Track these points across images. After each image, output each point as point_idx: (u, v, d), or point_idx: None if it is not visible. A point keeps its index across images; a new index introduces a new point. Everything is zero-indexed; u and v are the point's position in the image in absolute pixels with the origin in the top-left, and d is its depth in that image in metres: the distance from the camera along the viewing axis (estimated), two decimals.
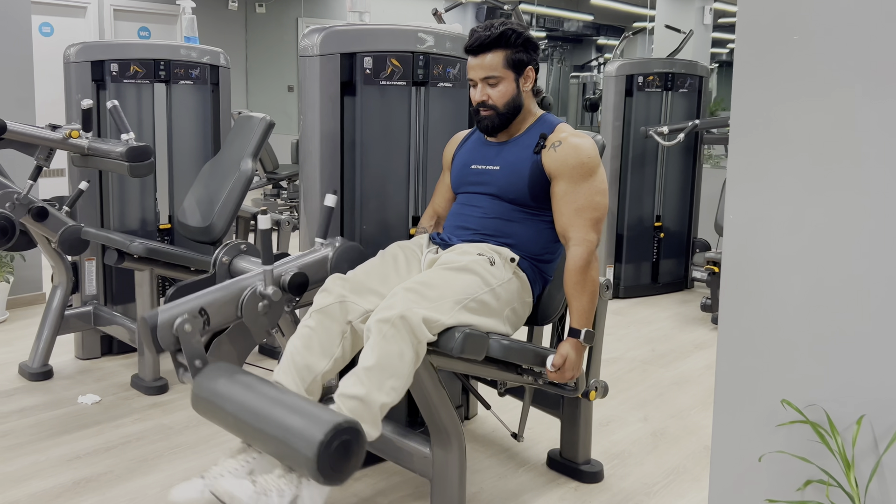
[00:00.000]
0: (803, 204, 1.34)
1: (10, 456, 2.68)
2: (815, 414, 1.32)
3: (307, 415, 1.66)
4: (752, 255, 1.39)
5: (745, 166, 1.39)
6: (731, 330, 1.45)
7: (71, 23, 7.99)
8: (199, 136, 3.87)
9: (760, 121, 1.36)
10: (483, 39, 2.12)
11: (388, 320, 1.82)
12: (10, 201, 3.06)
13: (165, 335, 1.90)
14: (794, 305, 1.37)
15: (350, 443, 1.62)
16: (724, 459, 1.48)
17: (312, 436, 1.58)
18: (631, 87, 4.73)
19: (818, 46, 1.30)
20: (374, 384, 1.78)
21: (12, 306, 4.38)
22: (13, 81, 4.34)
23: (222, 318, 2.02)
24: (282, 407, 1.71)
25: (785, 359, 1.39)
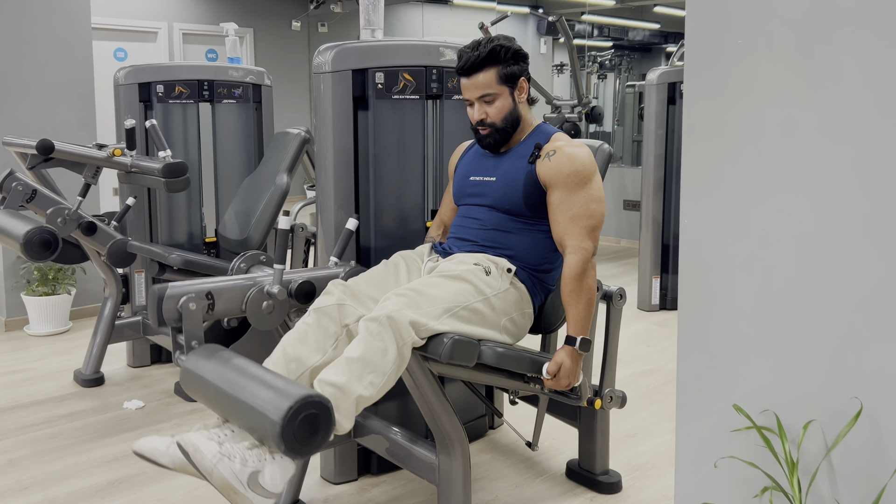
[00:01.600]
0: (750, 207, 1.33)
1: (55, 456, 2.85)
2: (767, 419, 1.30)
3: (280, 387, 1.68)
4: (705, 258, 1.38)
5: (697, 170, 1.39)
6: (688, 335, 1.45)
7: (143, 47, 8.41)
8: (243, 153, 4.03)
9: (710, 125, 1.36)
10: (473, 59, 2.15)
11: (375, 319, 1.86)
12: (61, 217, 3.26)
13: (170, 308, 1.97)
14: (746, 309, 1.35)
15: (318, 417, 1.62)
16: (686, 465, 1.47)
17: (281, 403, 1.60)
18: (674, 95, 4.66)
19: (761, 51, 1.29)
20: (355, 375, 1.80)
21: (75, 317, 4.63)
22: (75, 103, 4.60)
23: (226, 308, 2.09)
24: (258, 380, 1.74)
25: (739, 364, 1.37)
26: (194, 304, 1.97)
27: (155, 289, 1.98)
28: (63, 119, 4.52)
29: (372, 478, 2.68)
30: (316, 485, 2.62)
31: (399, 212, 2.61)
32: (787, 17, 1.24)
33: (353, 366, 1.81)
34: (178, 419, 3.19)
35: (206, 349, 1.94)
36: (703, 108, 1.36)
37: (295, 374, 1.94)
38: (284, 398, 1.62)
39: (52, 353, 4.09)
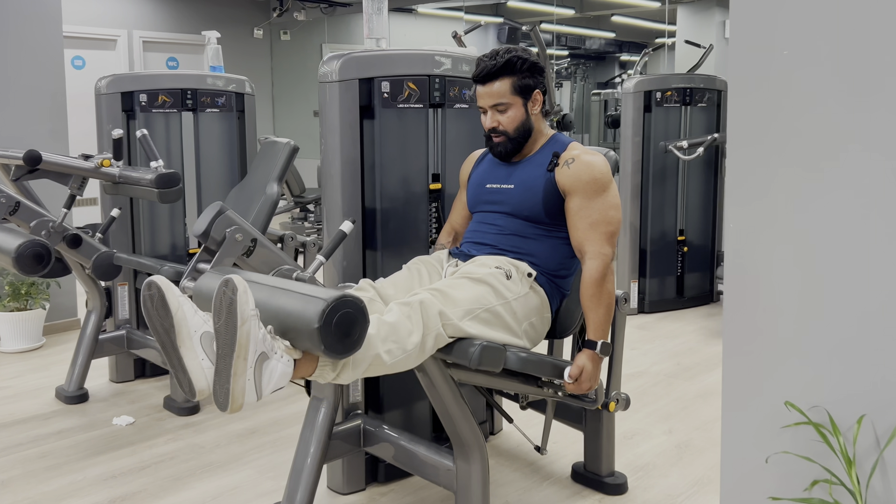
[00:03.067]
0: (796, 210, 1.38)
1: (49, 476, 2.77)
2: (817, 415, 1.35)
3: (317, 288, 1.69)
4: (751, 261, 1.43)
5: (742, 176, 1.44)
6: (733, 335, 1.49)
7: (102, 55, 8.24)
8: (226, 162, 3.98)
9: (754, 132, 1.41)
10: (490, 68, 2.18)
11: (408, 303, 1.89)
12: (45, 229, 3.17)
13: (219, 229, 2.07)
14: (793, 309, 1.40)
15: (355, 318, 1.61)
16: (732, 461, 1.51)
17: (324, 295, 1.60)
18: (650, 103, 4.76)
19: (805, 60, 1.34)
20: (381, 336, 1.79)
21: (48, 332, 4.50)
22: (47, 114, 4.49)
23: (258, 265, 2.21)
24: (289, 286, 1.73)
25: (787, 362, 1.42)
26: (241, 236, 2.03)
27: (217, 203, 2.06)
28: (35, 130, 4.41)
29: (380, 486, 2.67)
30: (324, 496, 2.60)
31: (404, 220, 2.62)
32: (832, 27, 1.29)
33: (382, 327, 1.81)
34: (171, 434, 3.13)
35: (224, 269, 1.97)
36: (746, 115, 1.41)
37: None
38: (327, 292, 1.62)
39: (28, 371, 3.98)
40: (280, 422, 3.23)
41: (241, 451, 2.96)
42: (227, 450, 2.97)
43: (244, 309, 1.54)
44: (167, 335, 1.59)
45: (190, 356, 1.58)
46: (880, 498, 1.30)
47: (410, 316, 1.85)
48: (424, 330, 1.86)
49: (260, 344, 1.57)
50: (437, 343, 1.91)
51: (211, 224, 2.15)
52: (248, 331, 1.54)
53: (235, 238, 2.08)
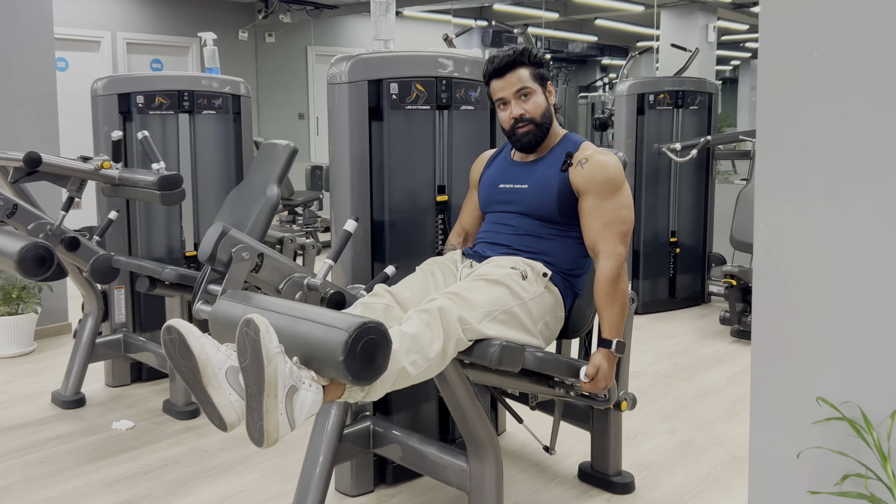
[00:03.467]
0: (827, 209, 1.40)
1: (51, 481, 2.73)
2: (849, 410, 1.38)
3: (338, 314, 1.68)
4: (782, 259, 1.45)
5: (772, 175, 1.46)
6: (764, 331, 1.51)
7: (85, 57, 8.15)
8: (222, 165, 3.96)
9: (785, 132, 1.43)
10: (507, 59, 2.21)
11: (427, 311, 1.88)
12: (43, 232, 3.14)
13: (225, 249, 2.03)
14: (824, 307, 1.43)
15: (378, 344, 1.62)
16: (761, 457, 1.53)
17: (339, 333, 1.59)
18: (643, 106, 4.80)
19: (837, 62, 1.37)
20: (404, 348, 1.79)
21: (39, 337, 4.44)
22: (38, 116, 4.44)
23: (267, 278, 2.16)
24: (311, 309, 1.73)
25: (818, 358, 1.44)
26: (247, 255, 2.02)
27: (218, 224, 2.03)
28: (25, 131, 4.35)
29: (389, 488, 2.66)
30: (333, 499, 2.59)
31: (412, 221, 2.62)
32: (864, 28, 1.32)
33: (405, 339, 1.81)
34: (173, 438, 3.10)
35: (239, 293, 1.93)
36: (777, 115, 1.43)
37: None
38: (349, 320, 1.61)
39: (21, 375, 3.92)
40: None
41: (245, 454, 2.95)
42: (231, 453, 2.95)
43: (269, 348, 1.54)
44: (193, 376, 1.59)
45: (217, 393, 1.58)
46: None
47: (430, 324, 1.86)
48: (445, 336, 1.87)
49: (288, 378, 1.58)
50: (457, 348, 1.91)
51: (216, 247, 2.10)
52: (274, 369, 1.54)
53: (242, 257, 2.05)
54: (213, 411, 1.58)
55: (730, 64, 10.36)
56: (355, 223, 2.33)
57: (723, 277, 4.33)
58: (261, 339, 1.54)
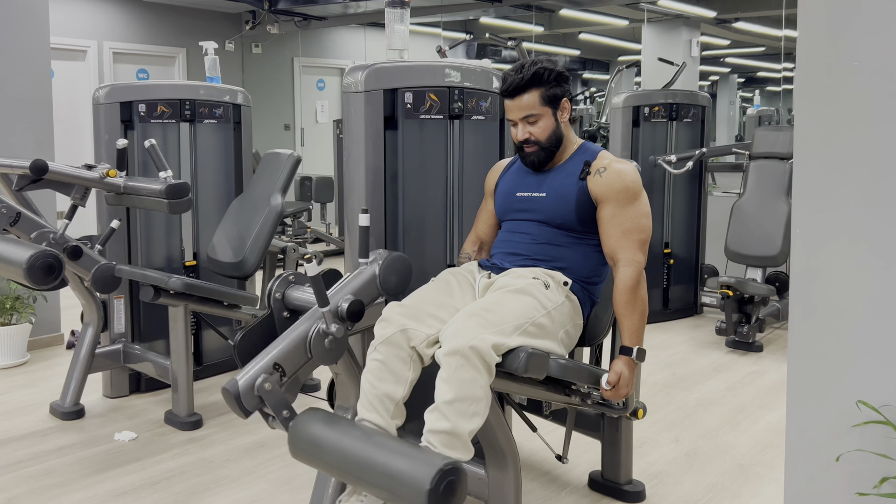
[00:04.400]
0: (865, 216, 1.43)
1: (57, 493, 2.69)
2: (889, 413, 1.40)
3: (411, 458, 1.76)
4: (819, 265, 1.48)
5: (809, 183, 1.49)
6: (801, 337, 1.53)
7: (72, 66, 8.09)
8: (223, 174, 3.95)
9: (822, 141, 1.46)
10: (518, 82, 2.22)
11: (457, 352, 1.87)
12: (46, 241, 3.10)
13: (249, 399, 2.02)
14: (862, 312, 1.45)
15: (454, 482, 1.71)
16: (798, 460, 1.55)
17: (421, 481, 1.68)
18: (638, 118, 4.86)
19: (875, 71, 1.40)
20: (457, 414, 1.84)
21: (31, 348, 4.38)
22: (34, 124, 4.40)
23: (294, 364, 2.12)
24: (383, 452, 1.81)
25: (857, 362, 1.47)
26: (269, 384, 2.02)
27: (226, 388, 2.01)
28: (20, 140, 4.30)
29: None
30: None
31: (424, 229, 2.63)
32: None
33: (452, 408, 1.85)
34: (177, 449, 3.07)
35: (306, 418, 1.98)
36: (814, 124, 1.46)
37: (390, 411, 1.99)
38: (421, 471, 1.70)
39: (16, 387, 3.86)
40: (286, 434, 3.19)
41: (252, 465, 2.92)
42: (238, 464, 2.93)
43: None
44: None
45: None
46: None
47: (466, 365, 1.86)
48: (486, 368, 1.88)
49: None
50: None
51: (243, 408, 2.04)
52: None
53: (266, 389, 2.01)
54: None
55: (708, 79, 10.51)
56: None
57: (719, 288, 4.38)
58: None
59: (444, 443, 1.83)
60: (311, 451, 1.92)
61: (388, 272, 2.31)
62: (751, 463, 2.96)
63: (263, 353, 2.08)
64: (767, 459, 2.98)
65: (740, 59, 10.12)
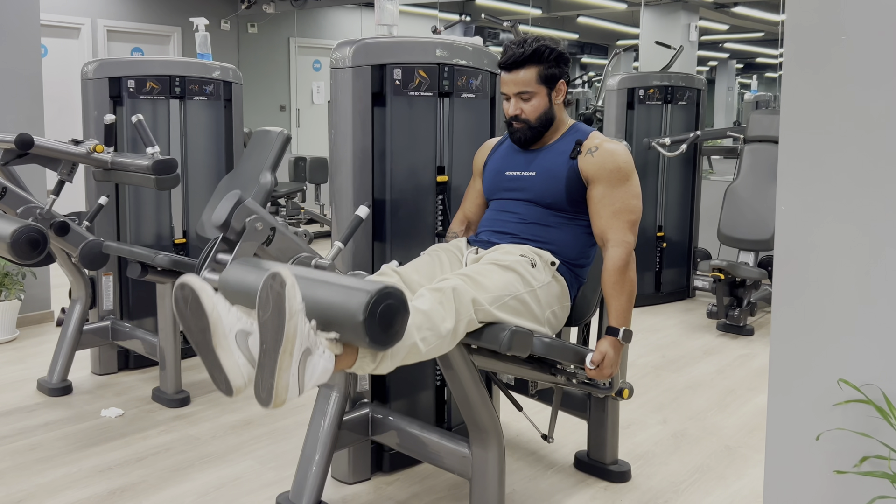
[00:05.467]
0: (853, 194, 1.42)
1: (42, 468, 2.69)
2: (870, 392, 1.39)
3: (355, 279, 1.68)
4: (803, 242, 1.47)
5: (796, 160, 1.47)
6: (784, 314, 1.52)
7: (65, 44, 8.03)
8: (213, 152, 3.92)
9: (809, 117, 1.44)
10: (517, 56, 2.19)
11: (440, 289, 1.87)
12: (32, 216, 3.08)
13: (240, 218, 2.06)
14: (846, 290, 1.44)
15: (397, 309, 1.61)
16: (779, 439, 1.55)
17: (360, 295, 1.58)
18: (632, 100, 4.83)
19: (865, 45, 1.38)
20: (417, 324, 1.78)
21: (21, 324, 4.36)
22: (24, 100, 4.36)
23: (277, 254, 2.18)
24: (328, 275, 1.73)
25: (839, 341, 1.46)
26: (261, 226, 2.06)
27: (235, 192, 2.07)
28: (11, 117, 4.27)
29: (385, 476, 2.65)
30: (330, 486, 2.57)
31: (413, 207, 2.61)
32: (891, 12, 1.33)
33: (417, 315, 1.79)
34: (163, 426, 3.07)
35: (251, 259, 1.91)
36: (802, 100, 1.44)
37: None
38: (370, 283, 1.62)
39: (4, 363, 3.85)
40: (273, 413, 3.19)
41: (238, 442, 2.92)
42: (225, 441, 2.93)
43: (292, 303, 1.51)
44: (202, 335, 1.55)
45: (226, 355, 1.55)
46: None
47: (443, 302, 1.85)
48: (457, 316, 1.85)
49: (305, 339, 1.55)
50: (467, 328, 1.90)
51: (231, 214, 2.12)
52: (295, 325, 1.51)
53: (256, 227, 2.04)
54: (220, 374, 1.56)
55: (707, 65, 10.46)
56: (368, 210, 2.33)
57: (711, 271, 4.37)
58: (286, 292, 1.51)
59: None
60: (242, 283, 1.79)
61: None
62: (738, 445, 2.96)
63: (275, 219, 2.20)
64: (754, 441, 2.98)
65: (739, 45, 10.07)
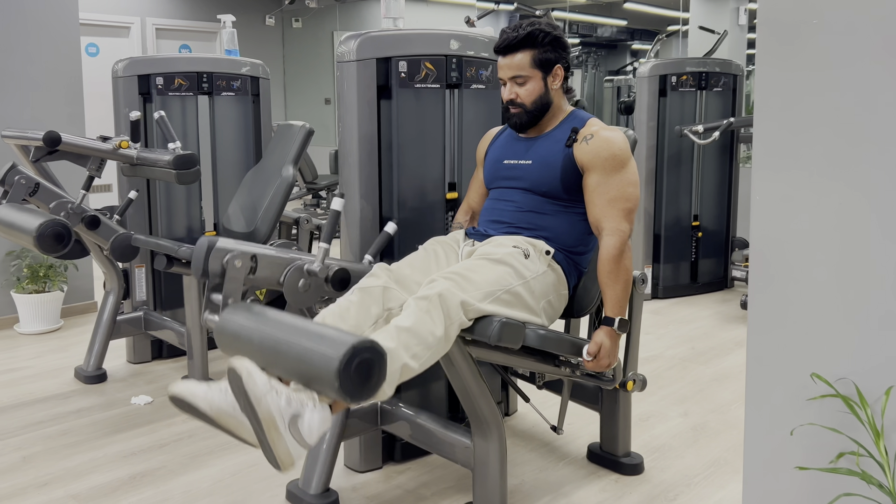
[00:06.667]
0: (826, 182, 1.38)
1: (70, 452, 2.80)
2: (844, 387, 1.35)
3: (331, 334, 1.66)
4: (778, 233, 1.43)
5: (770, 148, 1.43)
6: (759, 307, 1.49)
7: (116, 42, 8.27)
8: (242, 146, 4.00)
9: (783, 103, 1.40)
10: (511, 40, 2.19)
11: (426, 297, 1.87)
12: (64, 210, 3.20)
13: (215, 262, 2.01)
14: (821, 282, 1.40)
15: (372, 362, 1.61)
16: (756, 434, 1.52)
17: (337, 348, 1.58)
18: (665, 88, 4.74)
19: (837, 29, 1.34)
20: (403, 344, 1.80)
21: (66, 315, 4.54)
22: (64, 98, 4.52)
23: (266, 276, 2.14)
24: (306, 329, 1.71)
25: (813, 334, 1.42)
26: (240, 262, 2.01)
27: (204, 239, 2.00)
28: (52, 114, 4.44)
29: (397, 465, 2.69)
30: (341, 474, 2.62)
31: (421, 200, 2.62)
32: None
33: (402, 335, 1.81)
34: None
35: (242, 305, 1.92)
36: (775, 86, 1.40)
37: None
38: (340, 343, 1.60)
39: (46, 351, 4.02)
40: None
41: None
42: None
43: (255, 391, 1.60)
44: None
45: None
46: None
47: (429, 311, 1.85)
48: (446, 321, 1.86)
49: (285, 409, 1.63)
50: (459, 328, 1.92)
51: (206, 262, 2.06)
52: (266, 408, 1.60)
53: (235, 265, 2.04)
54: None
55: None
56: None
57: (744, 261, 4.27)
58: (245, 385, 1.61)
59: None
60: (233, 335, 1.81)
61: None
62: None
63: (251, 244, 2.13)
64: None
65: None
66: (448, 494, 2.49)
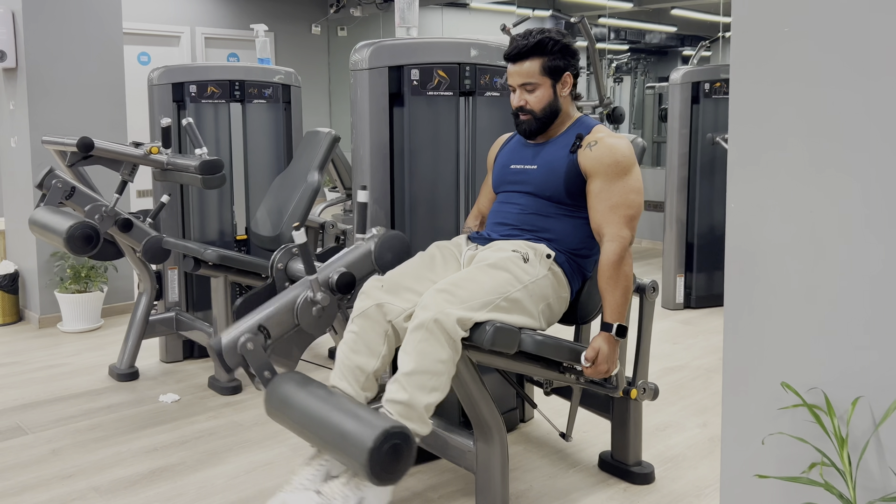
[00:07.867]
0: (798, 190, 1.37)
1: (96, 447, 2.91)
2: (815, 396, 1.34)
3: (360, 420, 1.81)
4: (752, 241, 1.42)
5: (743, 155, 1.43)
6: (735, 315, 1.48)
7: (166, 51, 8.52)
8: (273, 152, 4.09)
9: (756, 110, 1.40)
10: (521, 48, 2.21)
11: (422, 325, 1.91)
12: (98, 213, 3.33)
13: (231, 356, 2.10)
14: (794, 290, 1.39)
15: (399, 445, 1.76)
16: (733, 443, 1.51)
17: (363, 441, 1.73)
18: (697, 95, 4.69)
19: (808, 37, 1.33)
20: (416, 387, 1.88)
21: (106, 314, 4.70)
22: (107, 105, 4.69)
23: (282, 329, 2.20)
24: (338, 413, 1.86)
25: (787, 343, 1.41)
26: (252, 344, 2.08)
27: (210, 344, 2.10)
28: (95, 120, 4.61)
29: None
30: None
31: (433, 206, 2.66)
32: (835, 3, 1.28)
33: (411, 379, 1.89)
34: (213, 412, 3.25)
35: (281, 380, 2.06)
36: (749, 93, 1.40)
37: (360, 382, 2.05)
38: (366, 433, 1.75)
39: (85, 349, 4.17)
40: None
41: (277, 429, 3.05)
42: (265, 428, 3.07)
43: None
44: None
45: None
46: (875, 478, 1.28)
47: (428, 339, 1.90)
48: (448, 341, 1.91)
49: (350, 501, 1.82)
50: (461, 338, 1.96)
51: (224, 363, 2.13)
52: None
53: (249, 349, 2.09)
54: None
55: None
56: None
57: None
58: None
59: (401, 413, 1.88)
60: (281, 409, 2.00)
61: (383, 249, 2.37)
62: None
63: (251, 315, 2.17)
64: None
65: None
66: (454, 497, 2.52)
